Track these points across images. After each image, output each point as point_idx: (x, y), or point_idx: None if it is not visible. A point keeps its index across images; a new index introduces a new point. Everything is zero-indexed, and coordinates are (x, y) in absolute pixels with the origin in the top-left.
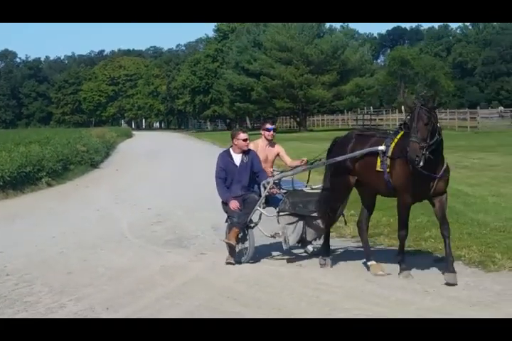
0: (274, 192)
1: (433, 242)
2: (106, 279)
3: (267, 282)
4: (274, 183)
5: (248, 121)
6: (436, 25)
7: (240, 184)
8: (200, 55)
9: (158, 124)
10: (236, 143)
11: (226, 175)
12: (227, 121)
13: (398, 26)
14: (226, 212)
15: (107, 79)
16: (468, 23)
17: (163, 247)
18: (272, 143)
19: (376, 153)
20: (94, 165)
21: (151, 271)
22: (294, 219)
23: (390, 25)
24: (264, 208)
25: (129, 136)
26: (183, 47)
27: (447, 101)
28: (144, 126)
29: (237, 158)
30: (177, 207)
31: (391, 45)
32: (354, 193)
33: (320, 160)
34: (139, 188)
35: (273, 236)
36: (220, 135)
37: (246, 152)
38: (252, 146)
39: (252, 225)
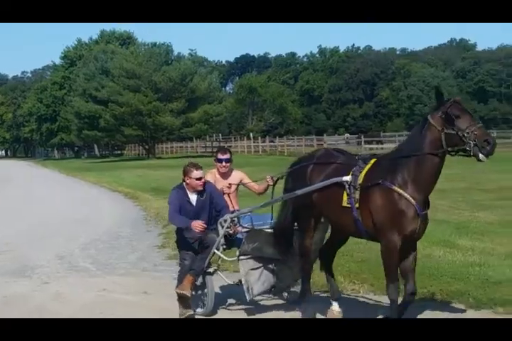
0: (234, 231)
1: None
2: None
3: (112, 310)
4: (233, 221)
5: (96, 149)
6: (283, 53)
7: None
8: (46, 82)
9: (3, 152)
10: (188, 182)
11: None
12: (75, 148)
13: (247, 54)
14: (179, 251)
15: None
16: (315, 52)
17: (5, 277)
18: (227, 174)
19: (341, 185)
20: None
21: None
22: (258, 263)
23: (238, 53)
24: (224, 250)
25: None
26: (29, 74)
27: (295, 128)
28: None
29: (193, 196)
30: (21, 235)
31: (239, 73)
32: None
33: (282, 177)
34: None
35: (237, 284)
36: (66, 163)
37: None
38: (209, 177)
39: (211, 271)
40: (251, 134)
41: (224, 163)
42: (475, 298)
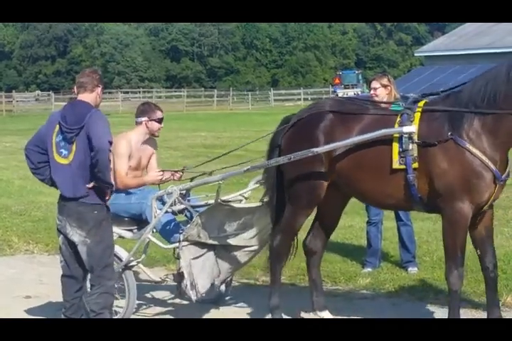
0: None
1: None
2: None
3: None
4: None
5: None
6: None
7: None
8: None
9: None
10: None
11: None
12: None
13: None
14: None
15: None
16: None
17: None
18: (152, 140)
19: (387, 140)
20: None
21: None
22: (200, 251)
23: None
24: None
25: None
26: None
27: None
28: None
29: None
30: None
31: None
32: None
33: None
34: None
35: (163, 280)
36: None
37: None
38: (124, 143)
39: (133, 263)
40: None
41: (162, 124)
42: None
